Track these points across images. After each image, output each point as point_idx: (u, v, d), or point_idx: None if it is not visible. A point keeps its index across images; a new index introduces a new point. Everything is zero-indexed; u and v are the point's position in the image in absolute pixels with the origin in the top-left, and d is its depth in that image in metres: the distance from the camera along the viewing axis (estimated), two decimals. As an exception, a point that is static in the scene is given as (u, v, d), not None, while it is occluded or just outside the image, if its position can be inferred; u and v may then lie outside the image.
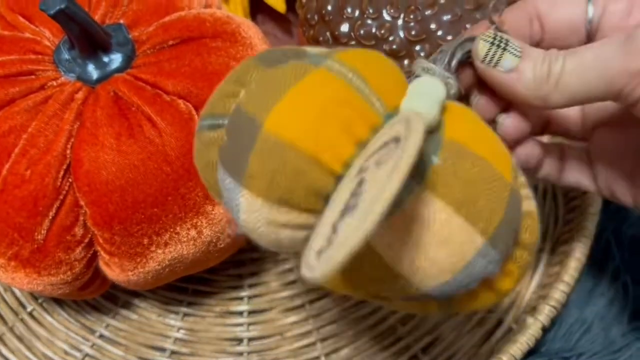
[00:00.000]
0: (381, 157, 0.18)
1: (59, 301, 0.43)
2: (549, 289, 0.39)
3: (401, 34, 0.35)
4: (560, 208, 0.45)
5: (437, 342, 0.41)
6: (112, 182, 0.31)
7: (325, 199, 0.20)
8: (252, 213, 0.21)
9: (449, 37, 0.35)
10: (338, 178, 0.20)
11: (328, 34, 0.37)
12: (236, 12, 0.48)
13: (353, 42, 0.36)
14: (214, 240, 0.34)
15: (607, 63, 0.21)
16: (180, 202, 0.32)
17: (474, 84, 0.26)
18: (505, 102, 0.26)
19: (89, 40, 0.33)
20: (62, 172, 0.32)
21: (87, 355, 0.42)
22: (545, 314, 0.37)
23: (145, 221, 0.32)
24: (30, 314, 0.43)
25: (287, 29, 0.52)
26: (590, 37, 0.25)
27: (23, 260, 0.32)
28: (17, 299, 0.43)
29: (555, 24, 0.25)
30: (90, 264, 0.34)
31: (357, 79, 0.21)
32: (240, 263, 0.44)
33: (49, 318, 0.43)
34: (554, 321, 0.39)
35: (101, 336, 0.42)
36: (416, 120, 0.18)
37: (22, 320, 0.42)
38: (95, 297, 0.41)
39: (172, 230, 0.32)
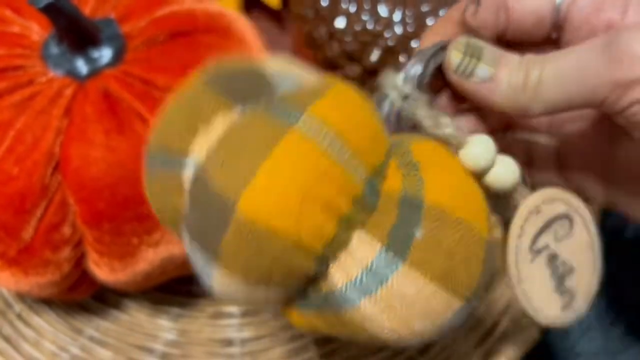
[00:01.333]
0: (557, 234, 0.22)
1: (47, 302, 0.42)
2: None
3: (397, 29, 0.35)
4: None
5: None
6: (102, 179, 0.30)
7: (306, 277, 0.20)
8: (226, 286, 0.20)
9: None
10: (319, 258, 0.19)
11: (324, 29, 0.37)
12: (229, 5, 0.47)
13: (349, 38, 0.36)
14: (206, 240, 0.33)
15: (589, 71, 0.20)
16: (171, 200, 0.31)
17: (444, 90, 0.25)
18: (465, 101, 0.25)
19: (78, 34, 0.32)
20: (50, 170, 0.31)
21: (75, 356, 0.40)
22: None
23: (136, 219, 0.31)
24: (18, 315, 0.42)
25: (281, 25, 0.52)
26: (557, 28, 0.23)
27: (9, 259, 0.31)
28: (4, 299, 0.42)
29: (521, 13, 0.23)
30: (79, 264, 0.33)
31: (337, 142, 0.19)
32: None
33: (36, 319, 0.42)
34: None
35: (90, 337, 0.41)
36: (576, 201, 0.23)
37: (9, 321, 0.41)
38: (84, 298, 0.40)
39: (162, 229, 0.32)
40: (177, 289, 0.43)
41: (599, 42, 0.20)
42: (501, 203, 0.23)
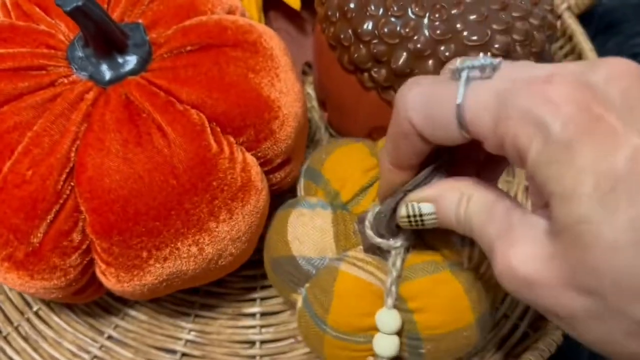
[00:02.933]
0: None
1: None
2: None
3: (426, 32, 0.34)
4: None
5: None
6: (115, 190, 0.30)
7: None
8: None
9: (474, 38, 0.33)
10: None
11: (350, 31, 0.36)
12: (249, 9, 0.46)
13: (376, 40, 0.35)
14: (215, 258, 0.33)
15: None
16: (183, 217, 0.31)
17: None
18: None
19: (104, 39, 0.32)
20: (64, 175, 0.30)
21: (95, 357, 0.40)
22: None
23: (146, 234, 0.30)
24: (36, 314, 0.42)
25: (300, 26, 0.51)
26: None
27: (17, 262, 0.31)
28: (23, 297, 0.42)
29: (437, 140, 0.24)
30: (86, 271, 0.33)
31: (344, 335, 0.31)
32: (253, 264, 0.41)
33: (55, 318, 0.41)
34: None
35: (109, 337, 0.41)
36: None
37: (27, 319, 0.41)
38: (89, 301, 0.40)
39: (172, 245, 0.31)
40: (197, 289, 0.42)
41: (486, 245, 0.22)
42: None
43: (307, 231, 0.33)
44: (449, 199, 0.25)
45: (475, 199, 0.24)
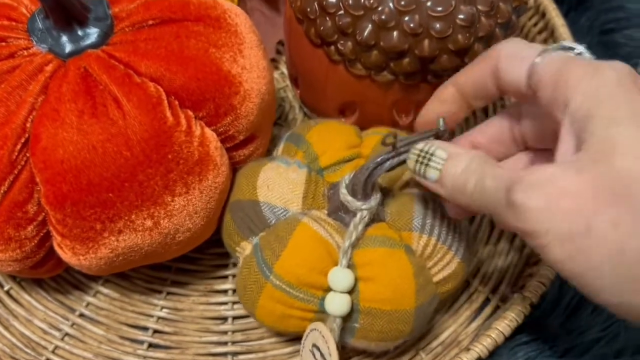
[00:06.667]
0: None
1: (38, 280, 0.41)
2: (537, 267, 0.38)
3: (390, 4, 0.33)
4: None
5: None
6: (68, 161, 0.30)
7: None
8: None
9: (439, 8, 0.33)
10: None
11: (316, 4, 0.35)
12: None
13: (341, 12, 0.34)
14: (172, 233, 0.32)
15: (498, 205, 0.24)
16: (137, 189, 0.30)
17: None
18: None
19: (64, 12, 0.32)
20: (19, 146, 0.30)
21: (66, 334, 0.40)
22: (532, 290, 0.36)
23: (99, 205, 0.30)
24: (8, 293, 0.42)
25: (274, 5, 0.51)
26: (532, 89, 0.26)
27: (-29, 232, 0.31)
28: None
29: (506, 83, 0.27)
30: (43, 244, 0.32)
31: (293, 289, 0.31)
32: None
33: (26, 297, 0.41)
34: (544, 297, 0.37)
35: (81, 315, 0.41)
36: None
37: None
38: (49, 276, 0.40)
39: (126, 217, 0.31)
40: (168, 266, 0.42)
41: (502, 194, 0.23)
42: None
43: (279, 180, 0.33)
44: (464, 156, 0.26)
45: (491, 161, 0.25)
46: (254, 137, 0.36)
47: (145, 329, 0.41)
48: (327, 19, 0.35)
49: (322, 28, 0.35)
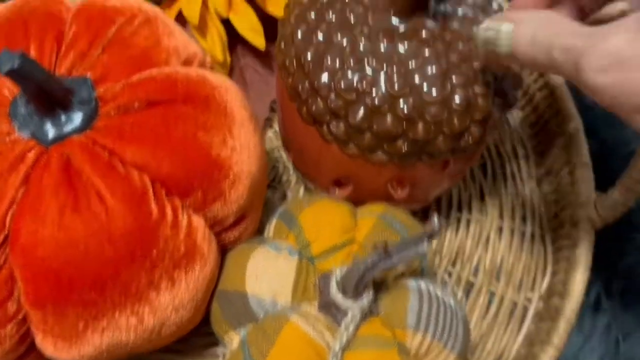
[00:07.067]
0: None
1: None
2: (538, 348, 0.37)
3: (383, 88, 0.32)
4: (548, 256, 0.44)
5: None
6: (49, 259, 0.29)
7: None
8: None
9: (434, 94, 0.31)
10: None
11: (307, 83, 0.34)
12: (214, 47, 0.45)
13: (333, 94, 0.33)
14: (157, 328, 0.31)
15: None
16: (120, 287, 0.29)
17: None
18: None
19: (46, 98, 0.31)
20: (-2, 242, 0.29)
21: None
22: None
23: (81, 305, 0.29)
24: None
25: (269, 63, 0.49)
26: None
27: (-51, 331, 0.30)
28: None
29: None
30: (23, 341, 0.31)
31: None
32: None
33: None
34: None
35: None
36: None
37: None
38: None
39: (110, 315, 0.30)
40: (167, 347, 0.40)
41: (572, 68, 0.24)
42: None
43: (269, 270, 0.32)
44: (529, 19, 0.27)
45: (557, 18, 0.26)
46: (243, 217, 0.35)
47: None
48: (319, 99, 0.34)
49: (313, 108, 0.34)
